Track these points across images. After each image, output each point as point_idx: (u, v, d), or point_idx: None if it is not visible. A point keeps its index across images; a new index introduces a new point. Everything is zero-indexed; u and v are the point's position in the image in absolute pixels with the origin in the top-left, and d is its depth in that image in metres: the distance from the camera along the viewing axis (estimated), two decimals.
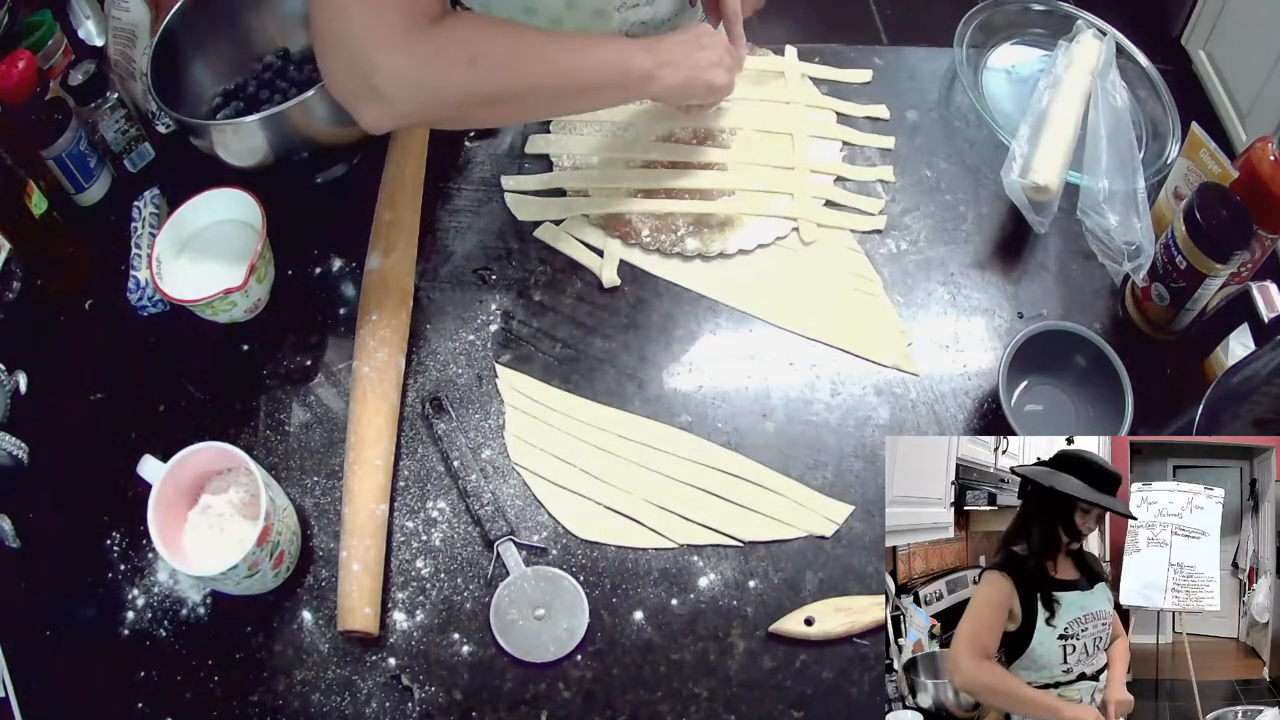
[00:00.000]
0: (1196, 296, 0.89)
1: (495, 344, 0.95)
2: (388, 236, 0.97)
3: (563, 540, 0.85)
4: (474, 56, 0.81)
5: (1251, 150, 0.86)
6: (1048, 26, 1.16)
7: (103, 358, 0.95)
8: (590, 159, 1.05)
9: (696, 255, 1.00)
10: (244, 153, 0.95)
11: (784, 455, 0.89)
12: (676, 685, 0.79)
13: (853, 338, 0.95)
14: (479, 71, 0.82)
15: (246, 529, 0.79)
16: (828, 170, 1.06)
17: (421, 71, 0.79)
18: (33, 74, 0.94)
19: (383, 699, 0.78)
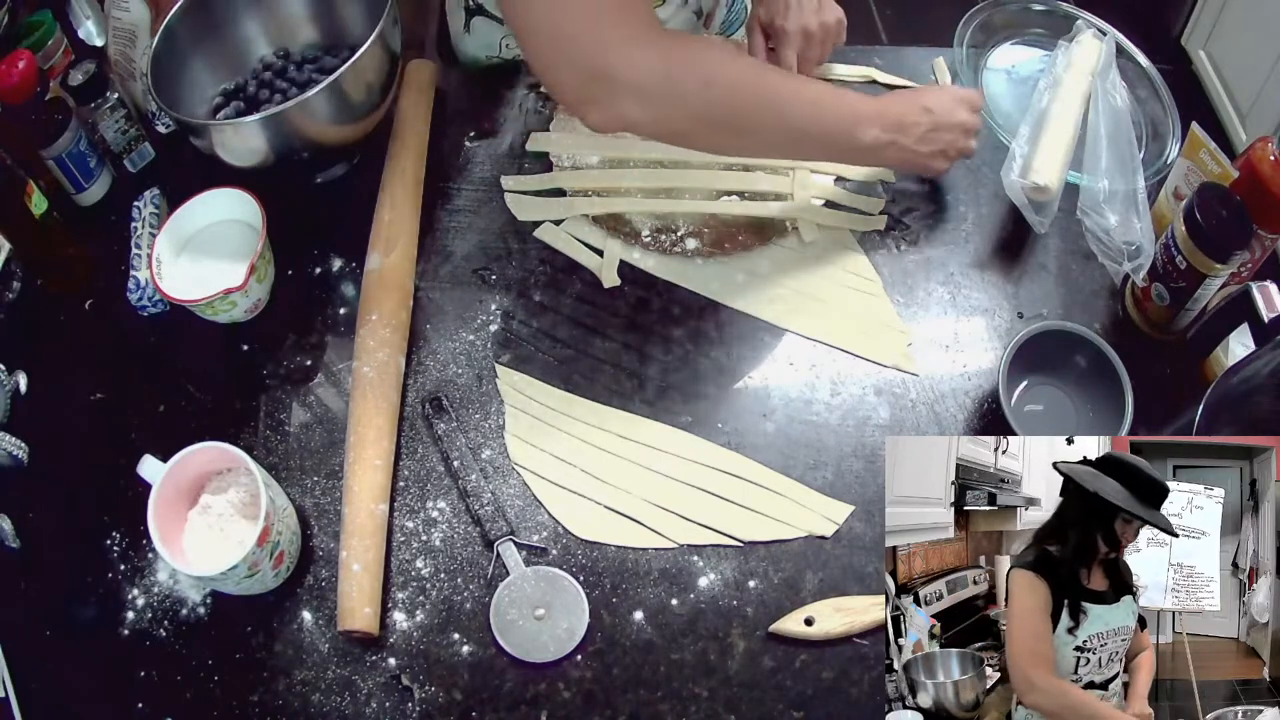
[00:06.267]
0: (1196, 296, 0.89)
1: (495, 344, 0.95)
2: (388, 236, 0.97)
3: (563, 540, 0.85)
4: (710, 80, 0.80)
5: (1251, 150, 0.86)
6: (1048, 26, 1.16)
7: (103, 358, 0.95)
8: (590, 159, 1.05)
9: (696, 255, 1.00)
10: (244, 153, 0.95)
11: (784, 455, 0.89)
12: (676, 685, 0.79)
13: (853, 338, 0.95)
14: (712, 95, 0.81)
15: (246, 529, 0.79)
16: (828, 170, 1.06)
17: (661, 82, 0.78)
18: (33, 74, 0.93)
19: (383, 699, 0.78)
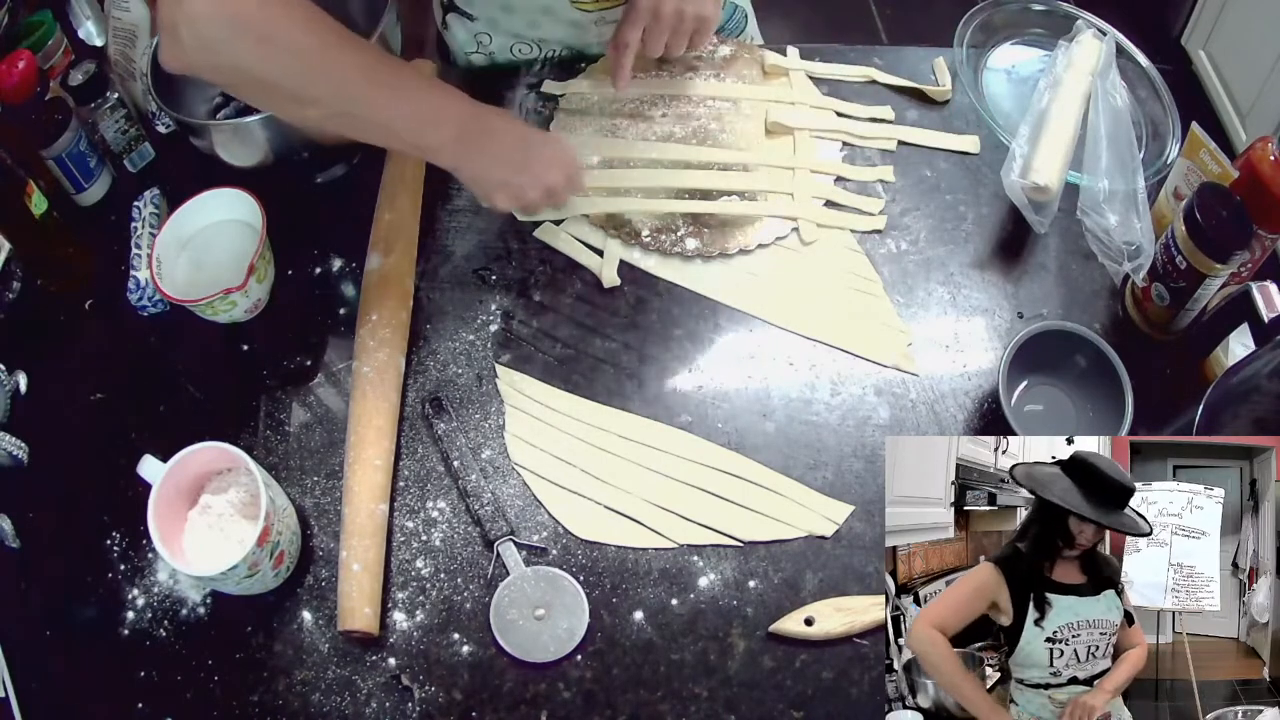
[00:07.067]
0: (1196, 296, 0.89)
1: (495, 344, 0.95)
2: (388, 236, 0.97)
3: (563, 540, 0.85)
4: (269, 36, 0.76)
5: (1251, 150, 0.86)
6: (1048, 26, 1.16)
7: (103, 358, 0.95)
8: (590, 159, 1.05)
9: (696, 255, 1.00)
10: (244, 153, 0.95)
11: (784, 455, 0.89)
12: (676, 685, 0.79)
13: (853, 338, 0.95)
14: (266, 53, 0.76)
15: (246, 529, 0.79)
16: (828, 170, 1.06)
17: (215, 28, 0.74)
18: (33, 74, 0.94)
19: (383, 699, 0.78)
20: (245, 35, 0.75)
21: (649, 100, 1.09)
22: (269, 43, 0.76)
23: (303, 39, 0.77)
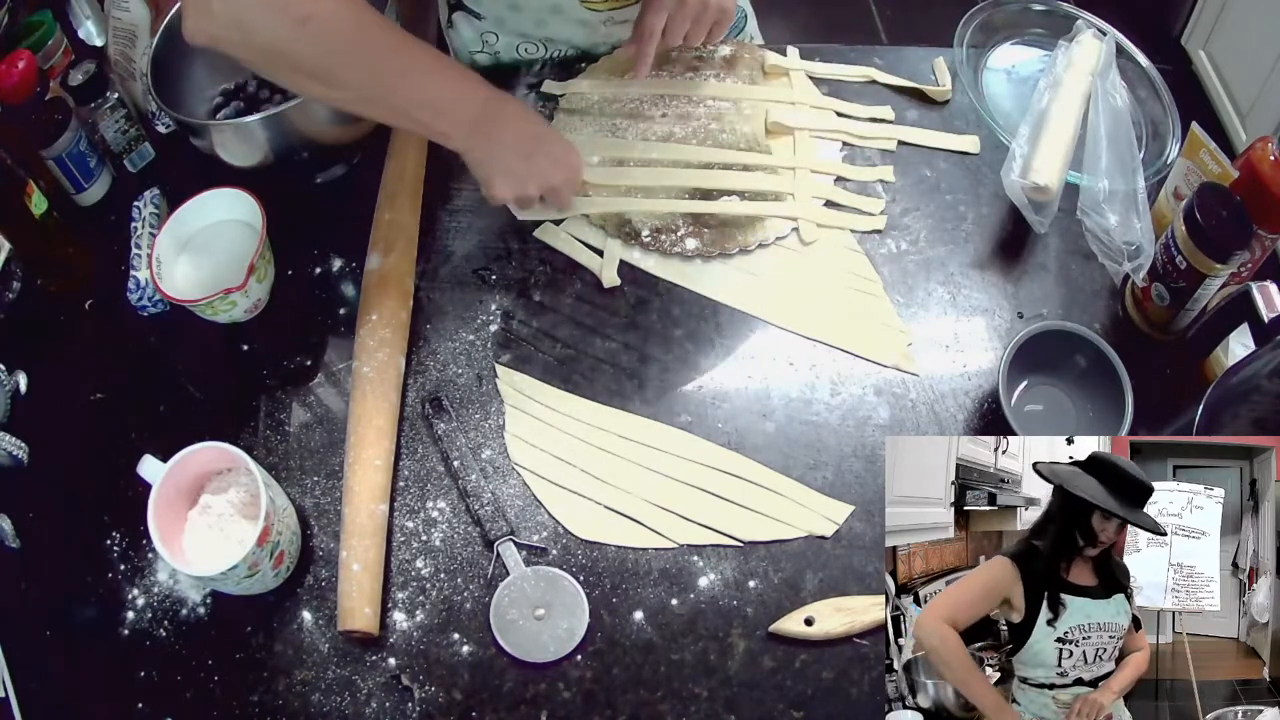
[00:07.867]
0: (1196, 296, 0.89)
1: (495, 344, 0.95)
2: (388, 236, 0.97)
3: (563, 540, 0.85)
4: (308, 18, 0.76)
5: (1251, 150, 0.86)
6: (1048, 26, 1.16)
7: (103, 358, 0.95)
8: (590, 159, 1.05)
9: (696, 255, 1.00)
10: (244, 153, 0.95)
11: (784, 455, 0.89)
12: (676, 685, 0.79)
13: (853, 338, 0.95)
14: (303, 34, 0.76)
15: (246, 529, 0.79)
16: (828, 170, 1.06)
17: (255, 8, 0.74)
18: (33, 74, 0.94)
19: (383, 699, 0.78)
20: (285, 16, 0.75)
21: (649, 100, 1.09)
22: (307, 24, 0.76)
23: (342, 22, 0.78)
